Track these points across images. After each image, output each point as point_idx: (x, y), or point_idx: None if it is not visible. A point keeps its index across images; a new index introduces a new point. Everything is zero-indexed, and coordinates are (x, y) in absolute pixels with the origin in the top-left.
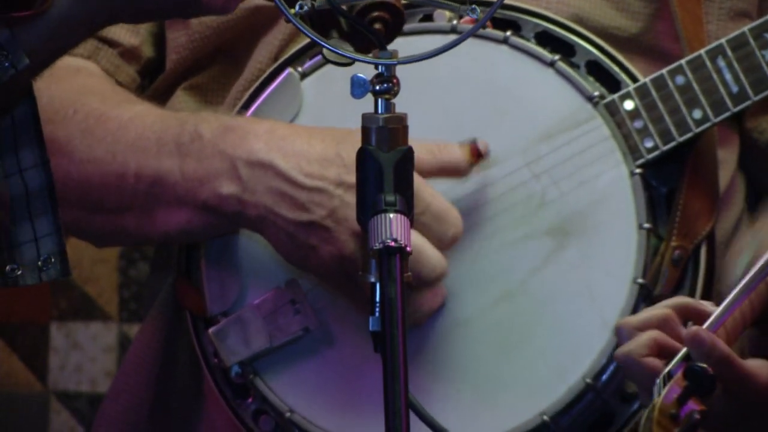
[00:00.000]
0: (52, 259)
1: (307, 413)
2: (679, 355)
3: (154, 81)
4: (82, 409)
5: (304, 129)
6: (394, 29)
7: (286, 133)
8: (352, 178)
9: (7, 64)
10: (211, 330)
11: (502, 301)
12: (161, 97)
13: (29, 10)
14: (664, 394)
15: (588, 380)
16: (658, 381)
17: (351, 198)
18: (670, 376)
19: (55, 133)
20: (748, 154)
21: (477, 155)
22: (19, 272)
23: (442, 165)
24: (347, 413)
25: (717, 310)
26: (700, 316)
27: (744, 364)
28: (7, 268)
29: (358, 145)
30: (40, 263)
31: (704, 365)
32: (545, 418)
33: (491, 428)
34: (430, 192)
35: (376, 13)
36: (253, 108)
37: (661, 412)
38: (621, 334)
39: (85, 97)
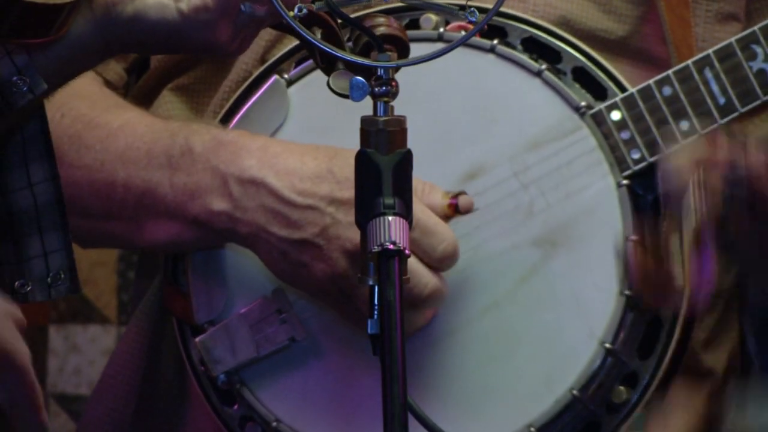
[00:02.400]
0: (62, 275)
1: (294, 423)
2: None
3: (140, 78)
4: (80, 411)
5: (296, 146)
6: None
7: (278, 150)
8: (344, 194)
9: (25, 89)
10: (197, 339)
11: (488, 311)
12: (146, 96)
13: (46, 37)
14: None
15: (575, 392)
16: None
17: (343, 216)
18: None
19: None
20: None
21: (455, 210)
22: (29, 288)
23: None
24: (334, 423)
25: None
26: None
27: None
28: (17, 284)
29: (351, 161)
30: (49, 279)
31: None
32: (532, 429)
33: None
34: (419, 207)
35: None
36: (239, 115)
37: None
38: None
39: (74, 100)
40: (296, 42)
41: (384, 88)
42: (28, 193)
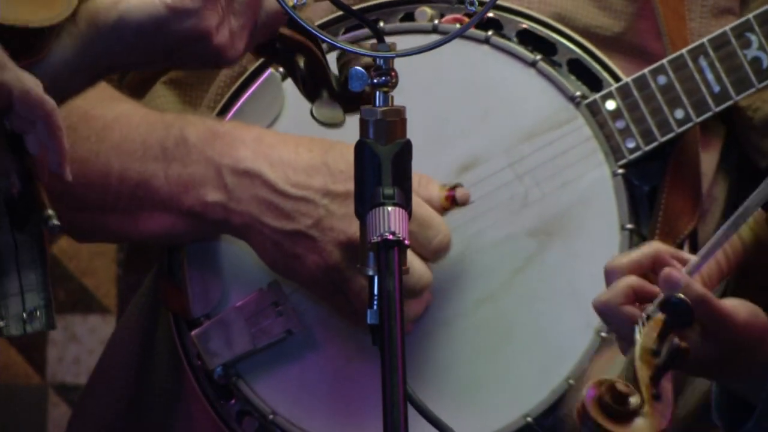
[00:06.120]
0: (37, 313)
1: (291, 415)
2: (658, 299)
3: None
4: None
5: (291, 137)
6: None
7: (273, 142)
8: (338, 187)
9: None
10: (193, 333)
11: (485, 302)
12: (139, 90)
13: (27, 59)
14: (644, 333)
15: (571, 381)
16: (637, 325)
17: (337, 208)
18: (648, 318)
19: None
20: (743, 132)
21: (452, 202)
22: (3, 323)
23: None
24: (330, 415)
25: (694, 258)
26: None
27: (721, 303)
28: None
29: (346, 153)
30: (25, 315)
31: (681, 296)
32: (529, 419)
33: (475, 430)
34: (415, 199)
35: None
36: (234, 109)
37: (643, 350)
38: (610, 276)
39: None
40: None
41: (383, 78)
42: (6, 230)
